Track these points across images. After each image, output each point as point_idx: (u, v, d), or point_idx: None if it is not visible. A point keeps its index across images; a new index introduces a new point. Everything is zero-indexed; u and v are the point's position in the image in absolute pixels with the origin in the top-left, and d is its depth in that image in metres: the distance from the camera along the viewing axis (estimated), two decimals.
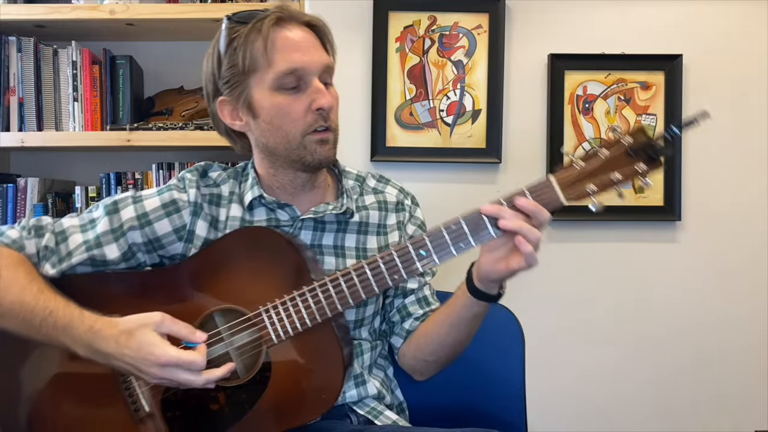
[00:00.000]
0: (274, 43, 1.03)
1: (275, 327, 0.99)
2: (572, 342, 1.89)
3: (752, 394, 1.88)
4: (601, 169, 0.91)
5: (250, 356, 1.01)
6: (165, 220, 1.09)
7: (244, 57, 1.04)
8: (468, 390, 1.30)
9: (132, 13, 1.68)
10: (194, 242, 1.10)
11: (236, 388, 1.00)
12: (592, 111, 1.87)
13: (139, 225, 1.08)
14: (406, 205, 1.22)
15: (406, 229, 1.20)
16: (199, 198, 1.11)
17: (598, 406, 1.90)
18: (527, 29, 1.87)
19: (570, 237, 1.87)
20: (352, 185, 1.20)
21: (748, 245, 1.86)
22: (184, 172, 1.15)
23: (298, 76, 1.04)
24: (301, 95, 1.05)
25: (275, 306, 0.99)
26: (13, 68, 1.75)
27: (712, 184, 1.86)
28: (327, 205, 1.13)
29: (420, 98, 1.86)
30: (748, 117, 1.86)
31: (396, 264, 0.97)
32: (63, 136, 1.76)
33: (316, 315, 0.98)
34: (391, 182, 1.25)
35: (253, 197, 1.11)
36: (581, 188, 0.91)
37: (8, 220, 1.78)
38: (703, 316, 1.88)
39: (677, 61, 1.84)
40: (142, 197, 1.11)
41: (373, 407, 1.13)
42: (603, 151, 0.90)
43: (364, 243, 1.15)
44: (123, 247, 1.08)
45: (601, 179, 0.91)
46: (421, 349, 1.16)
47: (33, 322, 0.96)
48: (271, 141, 1.08)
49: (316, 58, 1.06)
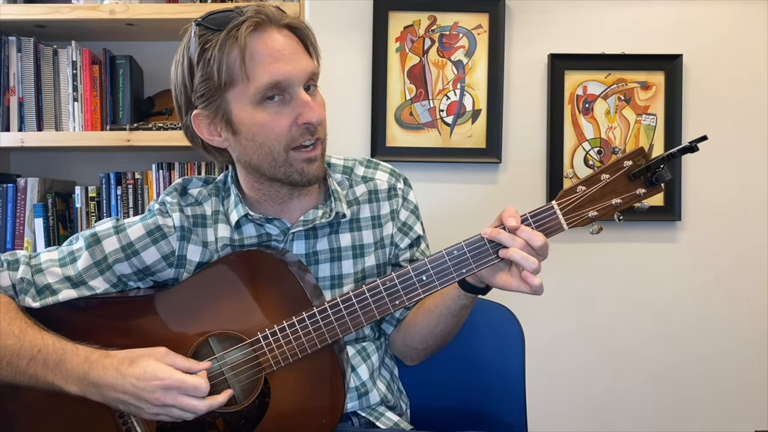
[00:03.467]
0: (252, 54, 0.93)
1: (274, 353, 0.96)
2: (572, 342, 1.89)
3: (752, 394, 1.88)
4: (602, 194, 0.92)
5: (248, 382, 0.99)
6: (152, 248, 1.05)
7: (220, 70, 0.94)
8: (468, 390, 1.30)
9: (132, 13, 1.68)
10: (186, 267, 1.07)
11: (234, 414, 0.98)
12: (592, 111, 1.86)
13: (125, 256, 1.04)
14: (399, 189, 1.16)
15: (398, 216, 1.16)
16: (184, 222, 1.06)
17: (598, 407, 1.90)
18: (527, 29, 1.87)
19: (570, 237, 1.86)
20: (340, 180, 1.14)
21: (748, 245, 1.86)
22: (163, 196, 1.09)
23: (281, 88, 0.95)
24: (286, 108, 0.96)
25: (274, 332, 0.96)
26: (13, 68, 1.75)
27: (712, 184, 1.86)
28: (316, 211, 1.08)
29: (420, 98, 1.86)
30: (748, 117, 1.86)
31: (397, 289, 0.95)
32: (63, 136, 1.76)
33: (315, 341, 0.96)
34: (381, 166, 1.18)
35: (239, 216, 1.06)
36: (583, 214, 0.93)
37: (8, 220, 1.78)
38: (703, 315, 1.88)
39: (677, 61, 1.84)
40: (125, 225, 1.06)
41: (375, 408, 1.12)
42: (604, 176, 0.91)
43: (360, 240, 1.12)
44: (110, 279, 1.04)
45: (602, 204, 0.92)
46: (411, 337, 1.15)
47: (19, 365, 0.92)
48: (254, 159, 1.00)
49: (301, 66, 0.96)
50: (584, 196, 0.92)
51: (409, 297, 0.95)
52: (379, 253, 1.13)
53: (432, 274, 0.95)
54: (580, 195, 0.92)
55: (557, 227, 0.94)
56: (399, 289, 0.95)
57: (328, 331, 0.96)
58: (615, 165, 0.91)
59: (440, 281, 0.95)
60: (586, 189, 0.92)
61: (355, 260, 1.11)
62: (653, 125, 1.86)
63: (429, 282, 0.95)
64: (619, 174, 0.91)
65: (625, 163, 0.91)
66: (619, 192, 0.92)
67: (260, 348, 0.97)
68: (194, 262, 1.07)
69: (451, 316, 1.07)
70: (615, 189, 0.92)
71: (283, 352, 0.96)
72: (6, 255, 1.04)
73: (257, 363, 0.97)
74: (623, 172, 0.91)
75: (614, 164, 0.91)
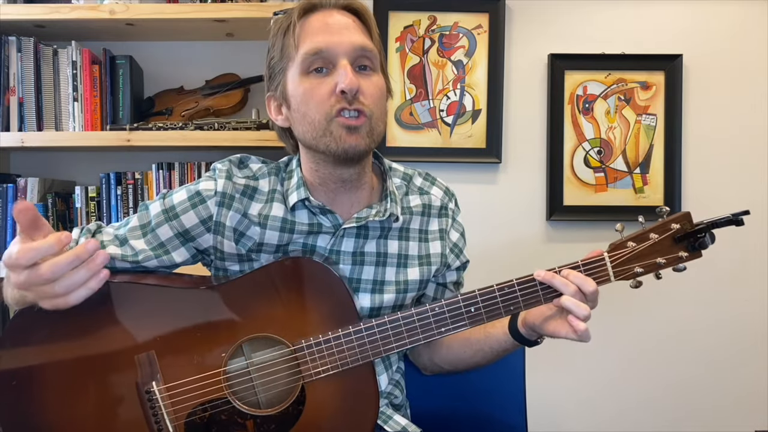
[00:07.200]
0: (302, 28, 0.99)
1: (316, 363, 0.97)
2: (572, 344, 1.88)
3: (752, 394, 1.88)
4: (649, 252, 0.98)
5: (285, 388, 0.98)
6: (191, 212, 1.05)
7: (278, 48, 1.02)
8: (468, 392, 1.30)
9: (132, 13, 1.68)
10: (224, 234, 1.06)
11: (266, 418, 0.98)
12: (592, 111, 1.86)
13: (165, 219, 1.06)
14: (450, 209, 1.18)
15: (449, 237, 1.17)
16: (229, 188, 1.06)
17: (598, 408, 1.90)
18: (527, 29, 1.87)
19: (569, 237, 1.87)
20: (398, 184, 1.15)
21: (747, 245, 1.86)
22: (216, 163, 1.10)
23: (324, 57, 0.97)
24: (328, 78, 0.98)
25: (318, 342, 0.97)
26: (13, 68, 1.75)
27: (712, 184, 1.86)
28: (370, 210, 1.07)
29: (420, 98, 1.86)
30: (748, 117, 1.86)
31: (445, 318, 0.97)
32: (63, 136, 1.75)
33: (358, 357, 0.97)
34: (437, 182, 1.19)
35: (299, 198, 1.05)
36: (630, 269, 0.98)
37: (8, 220, 1.78)
38: (703, 316, 1.88)
39: (677, 61, 1.84)
40: (171, 193, 1.09)
41: (383, 411, 1.12)
42: (653, 236, 0.98)
43: (405, 249, 1.11)
44: (151, 242, 1.06)
45: (648, 262, 0.98)
46: (441, 358, 1.16)
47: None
48: (300, 130, 1.02)
49: (347, 38, 0.98)
50: (633, 252, 0.98)
51: (455, 326, 0.97)
52: (424, 269, 1.12)
53: (481, 308, 0.97)
54: (630, 251, 0.98)
55: (605, 278, 0.98)
56: (447, 318, 0.97)
57: (371, 348, 0.97)
58: (663, 226, 0.98)
59: (488, 316, 0.97)
60: (636, 245, 0.98)
61: (398, 269, 1.11)
62: (653, 125, 1.86)
63: (477, 315, 0.97)
64: (666, 235, 0.98)
65: (672, 226, 0.98)
66: (663, 252, 0.98)
67: (303, 356, 0.97)
68: (230, 228, 1.06)
69: (492, 355, 1.10)
70: (661, 249, 0.98)
71: (325, 362, 0.97)
72: (92, 225, 1.10)
73: (297, 370, 0.97)
74: (669, 235, 0.98)
75: (662, 225, 0.98)
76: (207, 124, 1.72)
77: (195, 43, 1.88)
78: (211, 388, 0.96)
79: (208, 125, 1.71)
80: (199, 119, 1.80)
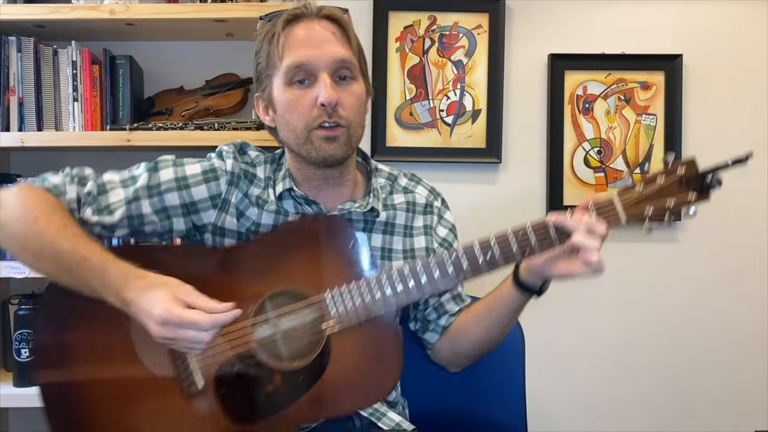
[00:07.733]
0: (289, 40, 1.05)
1: (340, 311, 1.00)
2: (572, 344, 1.89)
3: (752, 394, 1.88)
4: (658, 195, 0.99)
5: (310, 341, 1.01)
6: (203, 186, 1.10)
7: (264, 54, 1.08)
8: (468, 392, 1.30)
9: (132, 13, 1.68)
10: (229, 210, 1.11)
11: (293, 371, 1.00)
12: (592, 111, 1.87)
13: (176, 187, 1.10)
14: (435, 207, 1.22)
15: (436, 232, 1.21)
16: (236, 168, 1.12)
17: (598, 408, 1.90)
18: (527, 29, 1.87)
19: None
20: (382, 184, 1.20)
21: (748, 246, 1.86)
22: (220, 147, 1.16)
23: (306, 70, 1.05)
24: (309, 90, 1.05)
25: (343, 291, 1.00)
26: (13, 68, 1.75)
27: None
28: (353, 203, 1.13)
29: (420, 98, 1.86)
30: (748, 117, 1.86)
31: (463, 263, 0.99)
32: (63, 136, 1.75)
33: (382, 305, 0.99)
34: (422, 182, 1.25)
35: (284, 189, 1.11)
36: (640, 210, 0.99)
37: None
38: (703, 316, 1.88)
39: (677, 61, 1.84)
40: (183, 162, 1.13)
41: (377, 408, 1.13)
42: (660, 180, 0.99)
43: (389, 244, 1.15)
44: (156, 205, 1.09)
45: (657, 204, 0.99)
46: (461, 345, 1.17)
47: (66, 264, 0.96)
48: (285, 135, 1.10)
49: (327, 52, 1.05)
50: (641, 195, 0.99)
51: (473, 272, 0.99)
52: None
53: (498, 252, 0.98)
54: (639, 193, 0.99)
55: (615, 219, 0.99)
56: (466, 264, 0.99)
57: (396, 297, 0.99)
58: (670, 171, 1.00)
59: (505, 258, 0.99)
60: (644, 188, 0.99)
61: (383, 262, 1.14)
62: (653, 125, 1.86)
63: (493, 260, 0.99)
64: (673, 179, 1.00)
65: (679, 171, 0.99)
66: (672, 194, 0.99)
67: (326, 308, 1.00)
68: (234, 205, 1.11)
69: (506, 319, 1.12)
70: (669, 192, 0.99)
71: (350, 312, 1.00)
72: (76, 170, 1.12)
73: (322, 323, 1.00)
74: (677, 178, 0.99)
75: (669, 170, 1.00)
76: (207, 124, 1.72)
77: (195, 43, 1.88)
78: (238, 343, 1.00)
79: (208, 125, 1.71)
80: (199, 119, 1.79)
